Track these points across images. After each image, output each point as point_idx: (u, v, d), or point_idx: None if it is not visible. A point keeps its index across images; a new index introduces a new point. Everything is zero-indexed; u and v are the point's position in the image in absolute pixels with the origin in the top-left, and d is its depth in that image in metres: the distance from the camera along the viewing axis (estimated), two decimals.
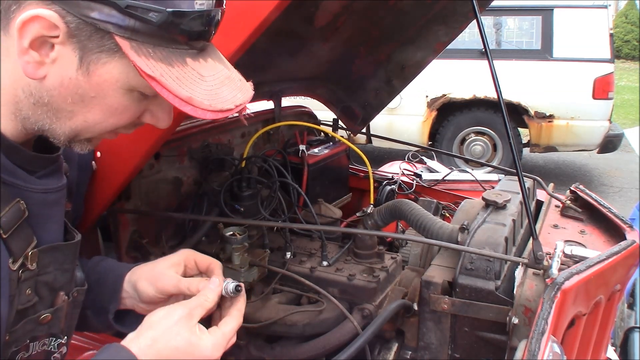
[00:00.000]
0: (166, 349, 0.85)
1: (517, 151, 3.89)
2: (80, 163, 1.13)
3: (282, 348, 1.48)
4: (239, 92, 0.82)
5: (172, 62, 0.75)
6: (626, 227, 1.62)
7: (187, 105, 0.75)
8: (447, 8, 1.97)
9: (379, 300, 1.49)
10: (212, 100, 0.77)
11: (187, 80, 0.76)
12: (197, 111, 0.76)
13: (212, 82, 0.79)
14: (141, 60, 0.73)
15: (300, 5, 1.61)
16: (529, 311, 1.30)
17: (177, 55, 0.76)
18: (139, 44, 0.73)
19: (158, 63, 0.74)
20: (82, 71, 0.76)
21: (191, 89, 0.76)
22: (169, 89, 0.74)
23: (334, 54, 2.13)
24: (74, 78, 0.76)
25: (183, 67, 0.76)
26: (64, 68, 0.75)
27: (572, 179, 6.27)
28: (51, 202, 0.91)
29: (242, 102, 0.81)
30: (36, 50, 0.73)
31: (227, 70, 0.84)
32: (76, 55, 0.75)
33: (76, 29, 0.72)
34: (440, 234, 1.62)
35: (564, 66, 5.94)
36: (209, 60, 0.81)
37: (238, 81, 0.84)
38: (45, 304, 0.91)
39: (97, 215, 1.34)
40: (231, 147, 1.99)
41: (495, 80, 1.32)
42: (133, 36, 0.72)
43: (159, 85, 0.74)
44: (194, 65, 0.78)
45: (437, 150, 5.14)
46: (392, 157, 3.89)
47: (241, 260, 1.49)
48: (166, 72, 0.74)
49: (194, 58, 0.78)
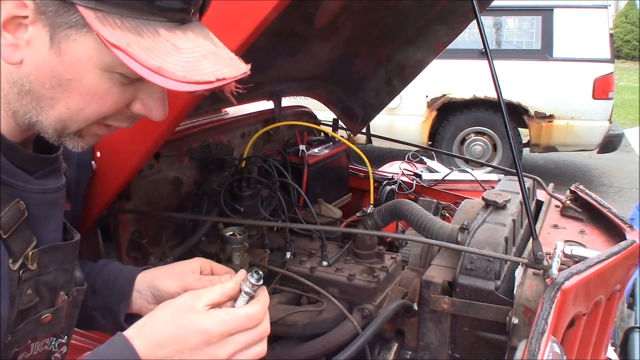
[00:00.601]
0: (163, 323, 0.83)
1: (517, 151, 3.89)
2: (79, 163, 1.13)
3: (282, 348, 1.48)
4: (226, 68, 0.75)
5: (141, 32, 0.70)
6: (626, 227, 1.62)
7: (156, 76, 0.69)
8: (447, 8, 1.97)
9: (379, 300, 1.49)
10: (187, 71, 0.71)
11: (158, 50, 0.71)
12: (167, 82, 0.70)
13: (189, 54, 0.73)
14: (105, 30, 0.68)
15: (300, 5, 1.61)
16: (529, 311, 1.30)
17: (147, 25, 0.71)
18: (104, 14, 0.69)
19: (125, 33, 0.69)
20: (54, 51, 0.73)
21: (162, 59, 0.70)
22: (135, 59, 0.69)
23: (334, 54, 2.13)
24: (47, 59, 0.74)
25: (155, 37, 0.71)
26: (38, 49, 0.74)
27: (572, 179, 6.27)
28: (50, 202, 0.91)
29: (227, 76, 0.74)
30: (10, 32, 0.72)
31: (213, 46, 0.78)
32: (47, 34, 0.72)
33: (42, 4, 0.70)
34: (440, 234, 1.62)
35: (564, 66, 5.94)
36: (189, 34, 0.75)
37: (228, 59, 0.78)
38: (45, 304, 0.91)
39: (97, 215, 1.34)
40: (231, 147, 1.99)
41: (495, 80, 1.32)
42: (98, 6, 0.69)
43: (124, 55, 0.69)
44: (168, 36, 0.73)
45: (437, 150, 5.14)
46: (392, 157, 3.89)
47: (241, 260, 1.49)
48: (134, 41, 0.69)
49: (170, 29, 0.73)
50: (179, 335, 0.82)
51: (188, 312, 0.84)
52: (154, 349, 0.81)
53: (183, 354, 0.81)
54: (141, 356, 0.80)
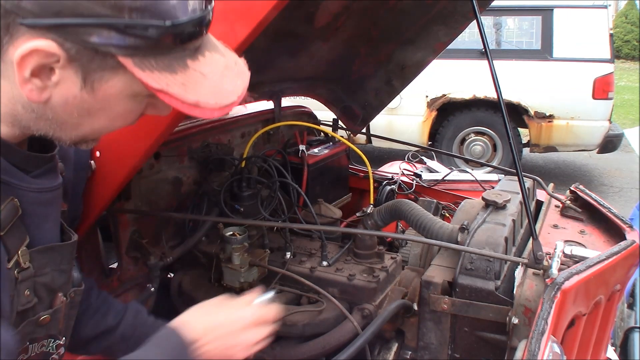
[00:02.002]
0: (209, 315, 0.99)
1: (517, 151, 3.89)
2: (76, 163, 1.13)
3: (282, 348, 1.48)
4: (238, 79, 0.83)
5: (174, 68, 0.76)
6: (626, 227, 1.62)
7: (195, 109, 0.77)
8: (447, 8, 1.97)
9: (379, 300, 1.49)
10: (217, 97, 0.78)
11: (191, 83, 0.77)
12: (205, 112, 0.77)
13: (213, 78, 0.79)
14: (146, 75, 0.73)
15: (300, 5, 1.61)
16: (529, 311, 1.30)
17: (178, 60, 0.76)
18: (141, 58, 0.73)
19: (162, 73, 0.74)
20: (87, 90, 0.76)
21: (196, 91, 0.76)
22: (176, 97, 0.75)
23: (334, 54, 2.13)
24: (78, 96, 0.76)
25: (185, 70, 0.77)
26: (67, 88, 0.75)
27: (572, 179, 6.26)
28: (46, 201, 0.91)
29: (243, 89, 0.82)
30: (37, 77, 0.73)
31: (222, 57, 0.84)
32: (79, 76, 0.74)
33: (76, 53, 0.71)
34: (440, 234, 1.62)
35: (564, 66, 5.93)
36: (207, 54, 0.81)
37: (234, 65, 0.85)
38: (43, 305, 0.92)
39: (96, 215, 1.34)
40: (231, 147, 1.99)
41: (495, 80, 1.32)
42: (134, 53, 0.72)
43: (167, 96, 0.75)
44: (194, 65, 0.78)
45: (437, 150, 5.14)
46: (392, 157, 3.89)
47: (241, 260, 1.49)
48: (171, 80, 0.75)
49: (193, 58, 0.78)
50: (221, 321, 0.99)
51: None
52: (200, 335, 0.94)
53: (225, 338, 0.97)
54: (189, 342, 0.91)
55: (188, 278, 1.66)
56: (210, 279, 1.60)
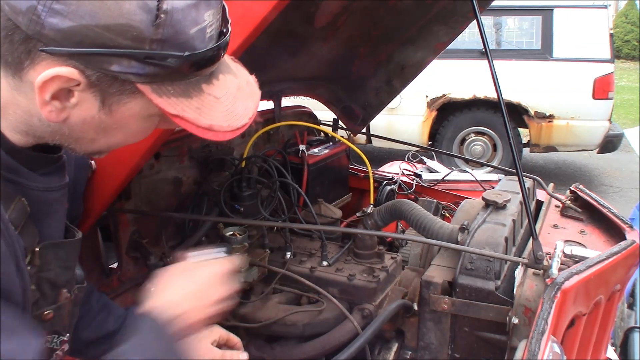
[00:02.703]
0: (178, 287, 0.99)
1: (517, 151, 3.89)
2: (77, 162, 1.13)
3: (282, 348, 1.48)
4: (250, 101, 0.86)
5: (190, 94, 0.78)
6: (626, 227, 1.62)
7: (209, 133, 0.79)
8: (447, 8, 1.97)
9: (379, 300, 1.49)
10: (229, 120, 0.81)
11: (205, 107, 0.79)
12: (218, 135, 0.80)
13: (226, 101, 0.82)
14: (163, 101, 0.76)
15: (300, 5, 1.61)
16: (529, 311, 1.30)
17: (193, 86, 0.78)
18: (158, 85, 0.75)
19: (179, 99, 0.77)
20: (105, 111, 0.78)
21: (210, 115, 0.79)
22: (191, 122, 0.77)
23: (334, 54, 2.13)
24: (96, 117, 0.78)
25: (200, 95, 0.79)
26: (86, 110, 0.77)
27: (572, 179, 6.26)
28: (53, 200, 0.92)
29: (254, 111, 0.86)
30: (57, 99, 0.74)
31: (235, 78, 0.86)
32: (97, 99, 0.76)
33: (97, 80, 0.73)
34: (440, 234, 1.62)
35: (564, 66, 5.93)
36: (220, 77, 0.83)
37: (245, 86, 0.87)
38: (47, 301, 0.92)
39: (97, 215, 1.34)
40: (231, 147, 1.99)
41: (495, 80, 1.32)
42: (153, 80, 0.74)
43: (182, 121, 0.77)
44: (209, 90, 0.80)
45: (437, 150, 5.14)
46: (392, 157, 3.89)
47: (241, 260, 1.49)
48: (187, 105, 0.77)
49: (208, 82, 0.81)
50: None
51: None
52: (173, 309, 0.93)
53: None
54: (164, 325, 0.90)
55: None
56: None
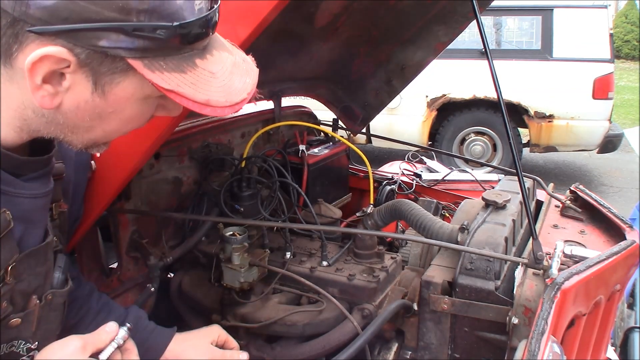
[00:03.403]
0: None
1: (517, 151, 3.89)
2: (77, 163, 1.12)
3: (282, 348, 1.48)
4: (247, 77, 0.83)
5: (184, 68, 0.76)
6: (626, 227, 1.62)
7: (206, 108, 0.77)
8: (447, 8, 1.97)
9: (379, 300, 1.49)
10: (227, 95, 0.79)
11: (201, 82, 0.77)
12: (216, 110, 0.78)
13: (222, 76, 0.79)
14: (156, 76, 0.73)
15: (300, 5, 1.61)
16: (529, 311, 1.30)
17: (187, 60, 0.76)
18: (150, 60, 0.73)
19: (172, 74, 0.75)
20: (98, 93, 0.76)
21: (207, 90, 0.77)
22: (187, 97, 0.75)
23: (334, 54, 2.13)
24: (90, 101, 0.77)
25: (195, 70, 0.77)
26: (79, 93, 0.75)
27: (572, 179, 6.27)
28: (39, 207, 0.90)
29: (252, 87, 0.83)
30: (49, 83, 0.73)
31: (230, 55, 0.84)
32: (90, 81, 0.75)
33: (86, 58, 0.72)
34: (440, 234, 1.62)
35: (564, 66, 5.93)
36: (215, 53, 0.81)
37: (242, 63, 0.85)
38: (16, 309, 0.89)
39: (97, 215, 1.34)
40: (231, 147, 1.99)
41: (495, 80, 1.32)
42: (144, 54, 0.72)
43: (177, 96, 0.75)
44: (203, 64, 0.78)
45: (437, 150, 5.14)
46: (392, 157, 3.89)
47: (241, 260, 1.49)
48: (181, 80, 0.75)
49: (202, 57, 0.79)
50: None
51: None
52: None
53: None
54: None
55: (188, 278, 1.66)
56: (210, 279, 1.60)
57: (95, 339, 0.91)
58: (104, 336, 0.92)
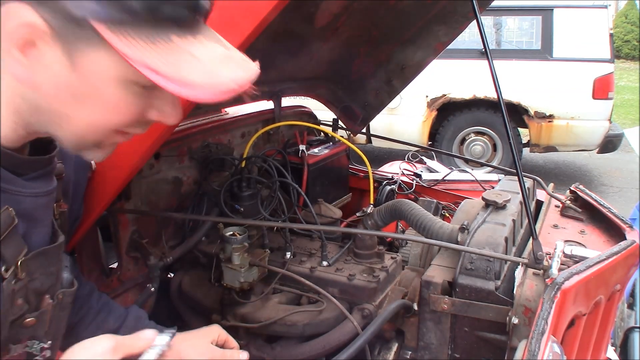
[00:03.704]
0: None
1: (517, 151, 3.89)
2: (77, 163, 1.11)
3: (282, 348, 1.48)
4: (241, 70, 0.76)
5: (155, 40, 0.70)
6: (626, 227, 1.62)
7: (183, 88, 0.70)
8: (447, 8, 1.97)
9: (379, 300, 1.49)
10: (211, 79, 0.72)
11: (176, 59, 0.71)
12: (196, 92, 0.70)
13: (208, 63, 0.73)
14: (121, 43, 0.68)
15: (300, 5, 1.61)
16: (529, 311, 1.30)
17: (160, 34, 0.70)
18: (118, 27, 0.68)
19: (140, 43, 0.69)
20: (70, 67, 0.72)
21: (182, 68, 0.70)
22: (162, 74, 0.69)
23: (334, 54, 2.13)
24: (63, 77, 0.73)
25: (168, 44, 0.71)
26: (52, 68, 0.73)
27: (572, 179, 6.27)
28: (41, 205, 0.90)
29: (245, 81, 0.75)
30: (22, 53, 0.71)
31: (226, 50, 0.78)
32: (61, 52, 0.72)
33: (56, 25, 0.69)
34: (440, 234, 1.62)
35: (564, 66, 5.93)
36: (202, 39, 0.75)
37: (240, 60, 0.78)
38: (30, 309, 0.89)
39: (97, 215, 1.34)
40: (231, 147, 1.99)
41: (495, 80, 1.32)
42: (114, 25, 0.68)
43: (152, 73, 0.69)
44: (182, 43, 0.72)
45: (437, 150, 5.14)
46: (392, 157, 3.89)
47: (241, 260, 1.49)
48: (151, 52, 0.69)
49: (181, 36, 0.72)
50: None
51: None
52: None
53: None
54: None
55: (188, 278, 1.66)
56: (210, 279, 1.60)
57: (128, 342, 0.90)
58: (139, 342, 0.92)
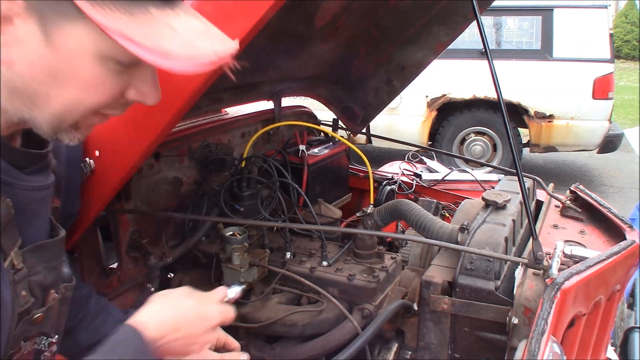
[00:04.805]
0: (173, 311, 0.96)
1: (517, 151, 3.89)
2: (68, 158, 1.11)
3: (282, 348, 1.48)
4: (220, 45, 0.76)
5: (132, 11, 0.69)
6: (626, 227, 1.62)
7: (161, 58, 0.69)
8: (447, 8, 1.97)
9: (379, 300, 1.49)
10: (190, 51, 0.72)
11: (154, 30, 0.70)
12: (172, 63, 0.69)
13: (186, 34, 0.73)
14: (101, 17, 0.67)
15: (300, 5, 1.61)
16: (529, 311, 1.29)
17: (138, 6, 0.70)
18: (98, 2, 0.67)
19: (117, 13, 0.68)
20: (47, 44, 0.71)
21: (161, 40, 0.70)
22: (139, 44, 0.68)
23: (334, 54, 2.13)
24: (40, 54, 0.72)
25: (146, 15, 0.70)
26: (29, 45, 0.71)
27: (572, 179, 6.26)
28: (39, 199, 0.90)
29: (225, 54, 0.75)
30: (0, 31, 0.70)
31: (205, 26, 0.78)
32: (38, 28, 0.70)
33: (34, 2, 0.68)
34: (440, 234, 1.62)
35: (564, 66, 5.94)
36: (180, 14, 0.75)
37: (219, 35, 0.79)
38: (37, 303, 0.90)
39: (95, 214, 1.34)
40: (231, 147, 1.99)
41: (495, 80, 1.32)
42: None
43: (128, 42, 0.68)
44: (161, 16, 0.72)
45: (437, 150, 5.14)
46: (392, 157, 3.89)
47: (241, 260, 1.49)
48: (128, 23, 0.68)
49: (160, 8, 0.72)
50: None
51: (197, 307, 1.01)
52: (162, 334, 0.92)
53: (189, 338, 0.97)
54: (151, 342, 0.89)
55: (188, 278, 1.66)
56: (210, 279, 1.60)
57: (202, 294, 1.04)
58: (213, 295, 1.06)
